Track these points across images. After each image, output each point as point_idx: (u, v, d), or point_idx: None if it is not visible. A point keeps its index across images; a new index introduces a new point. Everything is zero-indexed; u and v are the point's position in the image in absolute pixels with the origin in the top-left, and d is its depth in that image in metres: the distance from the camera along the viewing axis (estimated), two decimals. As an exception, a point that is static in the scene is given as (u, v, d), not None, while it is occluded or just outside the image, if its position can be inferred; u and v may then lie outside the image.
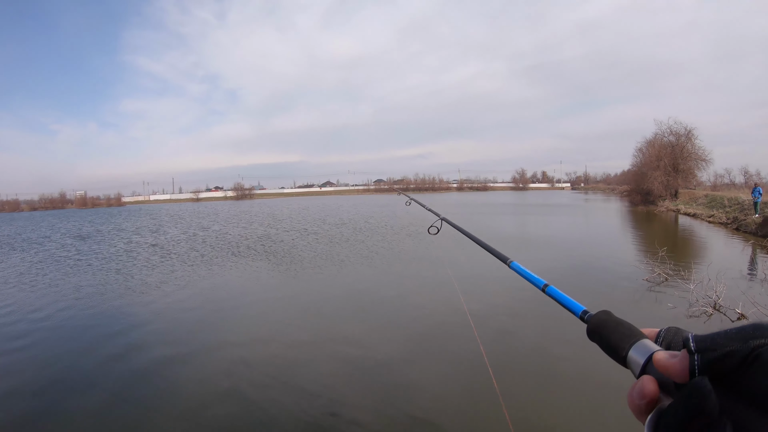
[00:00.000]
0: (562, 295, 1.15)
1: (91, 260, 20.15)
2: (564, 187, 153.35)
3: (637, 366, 0.70)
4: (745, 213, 25.76)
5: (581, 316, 0.98)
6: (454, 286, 11.78)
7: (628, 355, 0.73)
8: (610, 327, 0.82)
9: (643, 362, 0.69)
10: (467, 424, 5.53)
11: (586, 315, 0.94)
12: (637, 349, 0.73)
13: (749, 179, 51.99)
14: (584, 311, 0.97)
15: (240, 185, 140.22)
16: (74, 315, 11.09)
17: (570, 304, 1.08)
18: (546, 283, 1.27)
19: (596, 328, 0.85)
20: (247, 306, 11.45)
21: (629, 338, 0.76)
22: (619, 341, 0.77)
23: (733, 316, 8.74)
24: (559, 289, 1.19)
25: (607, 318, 0.85)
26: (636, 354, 0.72)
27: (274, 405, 6.17)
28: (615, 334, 0.79)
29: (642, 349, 0.72)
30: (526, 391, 6.28)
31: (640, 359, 0.70)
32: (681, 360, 0.60)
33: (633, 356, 0.72)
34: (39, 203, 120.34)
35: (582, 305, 1.02)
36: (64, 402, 6.56)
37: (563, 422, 5.48)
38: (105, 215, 65.57)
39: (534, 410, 5.76)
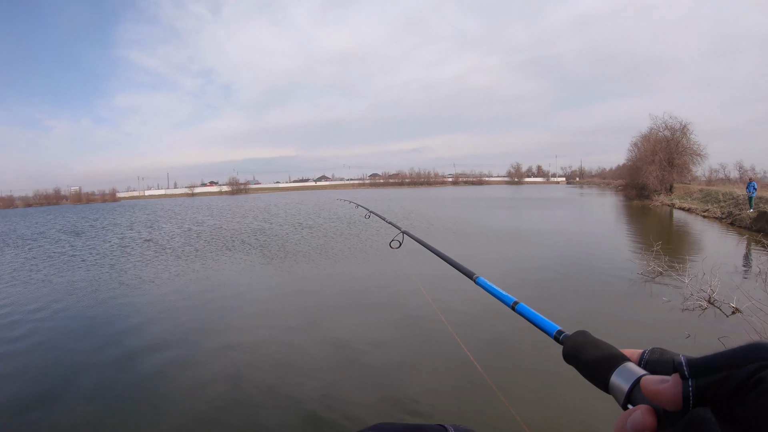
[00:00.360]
0: (533, 313, 1.11)
1: (84, 256, 20.03)
2: (559, 182, 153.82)
3: (622, 393, 0.64)
4: (739, 208, 25.82)
5: (556, 336, 0.93)
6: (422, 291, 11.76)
7: (610, 380, 0.67)
8: (588, 349, 0.76)
9: (627, 388, 0.63)
10: (462, 413, 5.52)
11: (561, 336, 0.89)
12: (620, 373, 0.66)
13: (744, 174, 52.16)
14: (559, 331, 0.92)
15: (235, 180, 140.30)
16: (66, 309, 11.05)
17: (543, 324, 1.04)
18: (516, 300, 1.21)
19: (573, 351, 0.79)
20: (241, 299, 11.40)
21: (610, 362, 0.69)
22: (600, 365, 0.71)
23: (728, 311, 8.74)
24: (530, 307, 1.14)
25: (584, 339, 0.80)
26: (619, 379, 0.65)
27: (270, 397, 6.14)
28: (594, 357, 0.74)
29: (626, 373, 0.65)
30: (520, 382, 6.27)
31: (625, 385, 0.64)
32: (673, 386, 0.54)
33: (616, 382, 0.66)
34: (33, 199, 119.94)
35: (556, 324, 0.97)
36: (56, 393, 6.52)
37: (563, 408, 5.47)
38: (100, 211, 65.33)
39: (532, 398, 5.75)
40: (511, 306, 1.22)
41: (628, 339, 7.70)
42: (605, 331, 8.16)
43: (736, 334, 7.43)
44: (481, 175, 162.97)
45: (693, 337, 7.58)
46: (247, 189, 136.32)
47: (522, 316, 1.14)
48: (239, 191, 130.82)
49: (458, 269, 1.77)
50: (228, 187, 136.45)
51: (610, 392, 0.67)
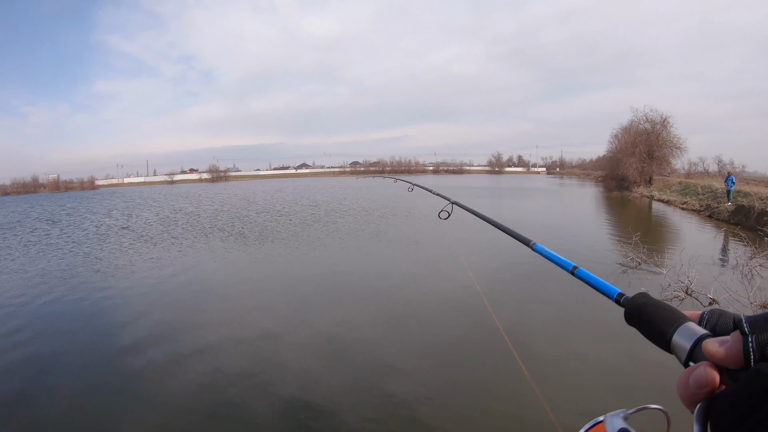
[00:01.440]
0: (593, 277, 1.15)
1: (60, 244, 19.46)
2: (539, 172, 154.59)
3: (683, 351, 0.65)
4: (718, 201, 26.11)
5: (617, 299, 0.95)
6: (463, 266, 11.71)
7: (672, 339, 0.68)
8: (650, 310, 0.77)
9: (690, 347, 0.64)
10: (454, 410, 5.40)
11: (623, 298, 0.90)
12: (681, 333, 0.67)
13: (723, 168, 52.69)
14: (620, 294, 0.94)
15: (215, 167, 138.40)
16: (43, 299, 10.72)
17: (603, 287, 1.08)
18: (575, 265, 1.24)
19: (635, 311, 0.80)
20: (222, 289, 11.18)
21: (672, 322, 0.70)
22: (662, 325, 0.71)
23: (705, 301, 8.74)
24: (589, 271, 1.15)
25: (646, 301, 0.81)
26: (681, 338, 0.66)
27: (253, 391, 5.97)
28: (656, 317, 0.74)
29: (687, 332, 0.66)
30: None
31: (687, 343, 0.65)
32: (734, 343, 0.55)
33: (678, 340, 0.67)
34: (11, 188, 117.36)
35: (616, 287, 0.99)
36: (32, 390, 6.26)
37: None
38: (78, 199, 64.20)
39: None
40: (570, 270, 1.28)
41: (606, 329, 7.65)
42: (581, 322, 8.16)
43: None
44: (462, 165, 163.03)
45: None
46: (227, 176, 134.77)
47: (582, 281, 1.20)
48: (219, 179, 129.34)
49: (514, 237, 1.86)
50: (208, 174, 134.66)
51: (672, 351, 0.68)
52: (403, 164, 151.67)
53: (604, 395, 5.59)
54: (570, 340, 7.29)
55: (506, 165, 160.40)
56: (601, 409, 1.05)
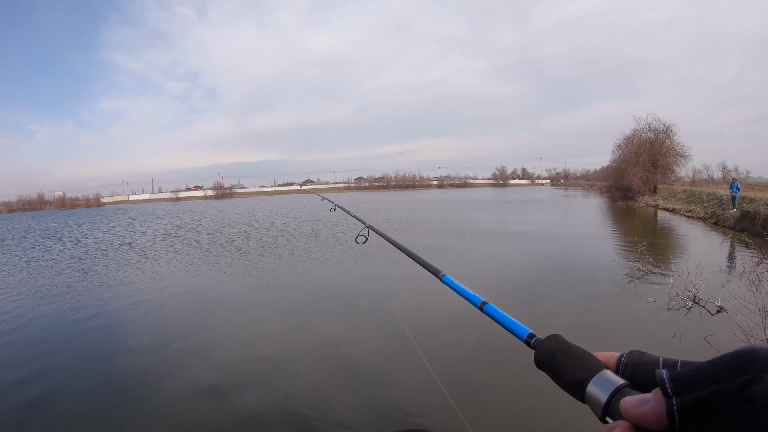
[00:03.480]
0: (502, 315, 1.01)
1: (66, 261, 19.57)
2: (544, 184, 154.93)
3: (599, 405, 0.60)
4: (723, 208, 26.01)
5: (527, 340, 0.86)
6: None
7: (586, 390, 0.62)
8: (561, 355, 0.69)
9: (605, 400, 0.59)
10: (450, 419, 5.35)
11: (533, 339, 0.82)
12: (597, 383, 0.62)
13: (727, 175, 52.53)
14: (530, 335, 0.85)
15: (220, 184, 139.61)
16: (46, 313, 10.76)
17: (512, 327, 0.95)
18: (484, 300, 1.11)
19: (546, 357, 0.72)
20: (226, 304, 11.16)
21: (586, 370, 0.64)
22: (575, 373, 0.65)
23: (713, 309, 8.69)
24: (499, 308, 1.04)
25: (557, 345, 0.72)
26: (597, 389, 0.61)
27: (257, 403, 5.95)
28: (569, 364, 0.67)
29: (603, 383, 0.61)
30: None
31: (603, 396, 0.60)
32: (656, 406, 0.50)
33: (593, 392, 0.61)
34: (17, 205, 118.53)
35: (527, 327, 0.89)
36: (35, 403, 6.26)
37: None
38: (83, 216, 64.57)
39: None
40: (479, 306, 1.12)
41: (614, 339, 7.61)
42: (590, 332, 8.13)
43: (721, 333, 7.37)
44: (467, 178, 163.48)
45: (679, 337, 7.51)
46: (232, 193, 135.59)
47: (491, 318, 1.05)
48: (224, 195, 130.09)
49: (424, 266, 1.63)
50: (213, 191, 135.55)
51: (586, 403, 0.63)
52: (407, 179, 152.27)
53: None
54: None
55: (511, 177, 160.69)
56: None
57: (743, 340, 6.68)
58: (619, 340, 7.50)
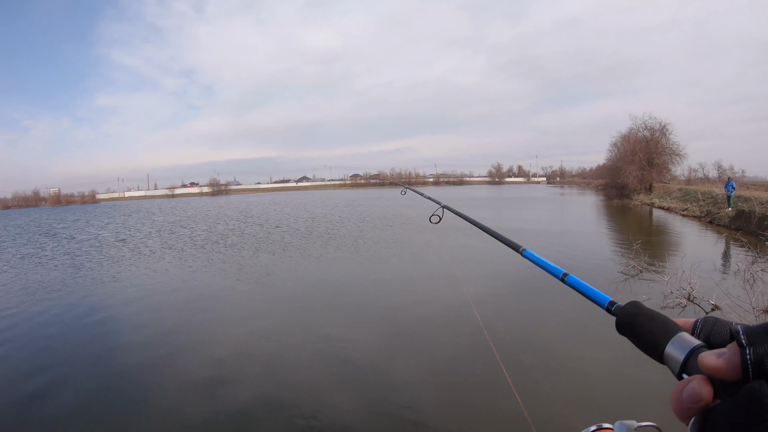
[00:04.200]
0: (584, 285, 1.09)
1: (59, 257, 19.54)
2: (540, 182, 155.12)
3: (677, 363, 0.63)
4: (718, 206, 26.12)
5: (608, 307, 0.93)
6: (455, 276, 11.69)
7: (665, 350, 0.65)
8: (642, 320, 0.73)
9: (683, 358, 0.62)
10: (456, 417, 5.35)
11: (614, 306, 0.88)
12: (675, 344, 0.65)
13: (723, 174, 52.68)
14: (611, 302, 0.92)
15: (216, 181, 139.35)
16: (41, 310, 10.74)
17: (594, 295, 1.03)
18: (565, 272, 1.18)
19: (627, 321, 0.76)
20: (225, 302, 11.12)
21: (665, 332, 0.67)
22: (655, 336, 0.68)
23: (707, 307, 8.73)
24: (579, 278, 1.11)
25: (638, 310, 0.75)
26: (674, 350, 0.64)
27: (258, 404, 5.93)
28: (648, 327, 0.70)
29: (681, 343, 0.64)
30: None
31: (680, 355, 0.63)
32: (731, 356, 0.53)
33: (671, 352, 0.64)
34: (12, 201, 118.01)
35: (608, 295, 0.96)
36: (33, 403, 6.23)
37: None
38: (78, 212, 64.40)
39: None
40: (560, 278, 1.20)
41: (609, 337, 7.61)
42: (585, 330, 8.13)
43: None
44: (462, 176, 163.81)
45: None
46: (227, 190, 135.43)
47: (572, 288, 1.12)
48: (220, 192, 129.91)
49: (504, 242, 1.80)
50: (209, 188, 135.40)
51: (665, 362, 0.66)
52: (403, 176, 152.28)
53: (597, 410, 5.52)
54: (562, 351, 7.23)
55: (506, 175, 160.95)
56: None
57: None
58: (614, 338, 7.47)
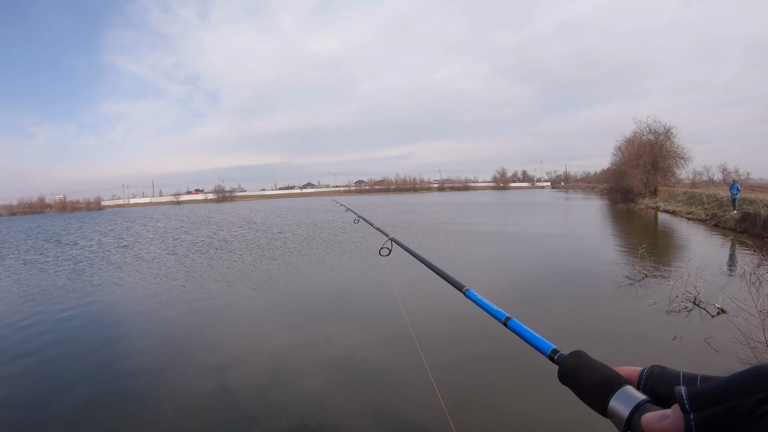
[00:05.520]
0: (527, 330, 1.03)
1: (62, 263, 19.54)
2: (544, 186, 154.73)
3: (621, 419, 0.61)
4: (723, 209, 26.02)
5: (550, 355, 0.88)
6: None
7: (609, 405, 0.64)
8: (584, 372, 0.71)
9: (627, 415, 0.61)
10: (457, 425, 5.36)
11: (557, 355, 0.84)
12: (619, 398, 0.63)
13: (727, 176, 52.68)
14: (554, 350, 0.88)
15: (220, 187, 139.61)
16: (44, 318, 10.68)
17: (537, 342, 0.97)
18: (508, 316, 1.14)
19: (569, 372, 0.74)
20: (228, 307, 11.09)
21: (608, 385, 0.65)
22: (598, 389, 0.66)
23: (713, 311, 8.71)
24: (523, 324, 1.06)
25: (580, 362, 0.74)
26: (619, 404, 0.62)
27: (262, 411, 5.92)
28: (592, 379, 0.68)
29: (625, 398, 0.62)
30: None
31: (624, 411, 0.61)
32: (674, 421, 0.52)
33: (615, 407, 0.63)
34: (18, 208, 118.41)
35: (551, 343, 0.91)
36: (41, 409, 6.24)
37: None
38: (83, 219, 64.73)
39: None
40: (503, 322, 1.14)
41: (615, 342, 7.63)
42: (591, 335, 8.13)
43: (721, 335, 7.40)
44: (467, 181, 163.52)
45: (679, 339, 7.52)
46: (232, 197, 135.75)
47: (514, 333, 1.07)
48: (225, 199, 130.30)
49: (447, 280, 1.67)
50: (213, 194, 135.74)
51: (608, 417, 0.64)
52: (408, 182, 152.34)
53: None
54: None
55: (511, 180, 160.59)
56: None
57: (743, 342, 6.69)
58: (620, 343, 7.52)
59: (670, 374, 0.62)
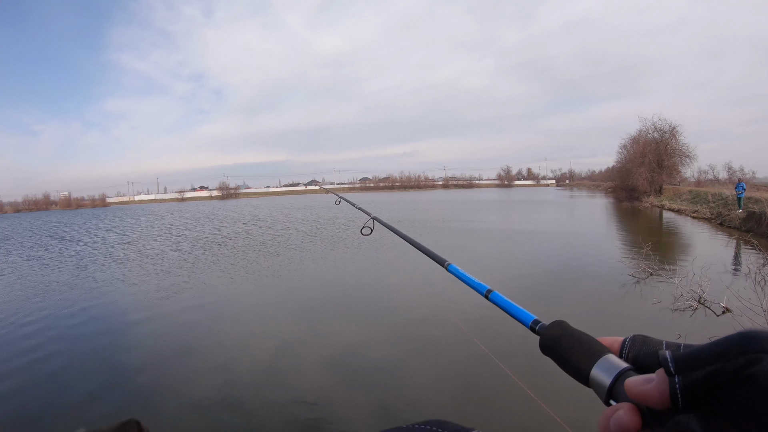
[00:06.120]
0: (507, 302, 1.04)
1: (66, 259, 19.70)
2: (549, 184, 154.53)
3: (603, 388, 0.60)
4: (728, 208, 25.89)
5: (532, 326, 0.89)
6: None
7: (590, 374, 0.62)
8: (566, 341, 0.70)
9: (609, 383, 0.59)
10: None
11: (538, 326, 0.85)
12: (601, 367, 0.62)
13: (733, 175, 52.34)
14: (535, 321, 0.89)
15: (225, 184, 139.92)
16: (48, 314, 10.74)
17: (518, 313, 0.98)
18: (489, 288, 1.13)
19: (550, 342, 0.73)
20: (232, 306, 11.15)
21: (590, 354, 0.64)
22: (579, 358, 0.66)
23: (718, 310, 8.65)
24: (504, 295, 1.06)
25: (561, 331, 0.73)
26: (601, 373, 0.61)
27: (264, 408, 5.92)
28: (573, 349, 0.68)
29: (607, 366, 0.61)
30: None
31: (606, 379, 0.60)
32: (659, 384, 0.50)
33: (597, 376, 0.61)
34: (23, 205, 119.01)
35: (532, 314, 0.92)
36: (45, 403, 6.28)
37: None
38: (88, 216, 64.98)
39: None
40: (484, 294, 1.14)
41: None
42: (596, 332, 8.04)
43: (726, 334, 7.32)
44: (472, 179, 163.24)
45: (684, 338, 7.41)
46: (237, 194, 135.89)
47: (496, 305, 1.07)
48: (229, 196, 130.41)
49: (429, 256, 1.67)
50: (218, 191, 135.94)
51: (590, 386, 0.63)
52: (412, 180, 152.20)
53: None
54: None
55: (516, 178, 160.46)
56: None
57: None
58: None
59: (652, 343, 0.61)
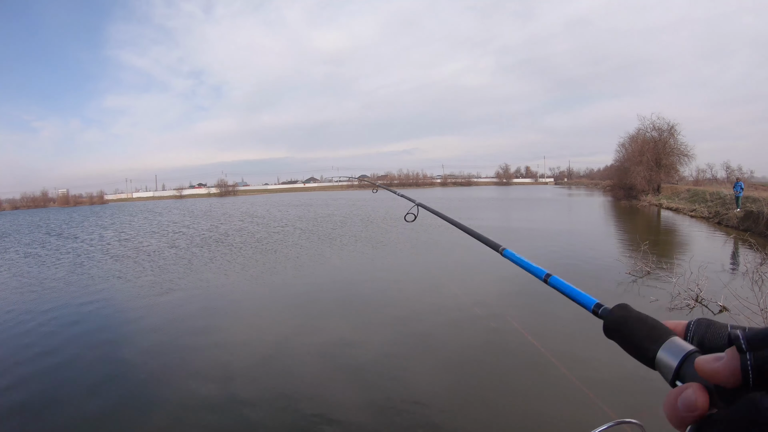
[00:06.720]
0: (569, 286, 1.05)
1: (64, 256, 19.71)
2: (547, 182, 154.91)
3: (670, 369, 0.60)
4: (726, 207, 25.89)
5: (594, 310, 0.86)
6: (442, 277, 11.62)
7: (657, 356, 0.63)
8: (631, 323, 0.70)
9: (676, 364, 0.60)
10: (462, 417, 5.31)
11: (601, 309, 0.82)
12: (667, 349, 0.62)
13: (731, 174, 52.35)
14: (597, 304, 0.86)
15: (223, 182, 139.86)
16: (52, 309, 10.77)
17: (580, 297, 0.98)
18: (548, 272, 1.14)
19: (614, 325, 0.73)
20: (229, 302, 11.06)
21: (656, 337, 0.65)
22: (644, 341, 0.66)
23: (715, 309, 8.64)
24: (564, 279, 1.09)
25: (626, 314, 0.72)
26: (667, 355, 0.62)
27: (262, 405, 5.89)
28: (638, 332, 0.68)
29: (673, 349, 0.62)
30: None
31: (673, 361, 0.60)
32: (730, 361, 0.50)
33: (663, 358, 0.62)
34: (21, 202, 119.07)
35: (594, 297, 0.90)
36: (44, 398, 6.29)
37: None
38: (86, 213, 64.90)
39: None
40: (543, 279, 1.16)
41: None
42: (591, 332, 8.05)
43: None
44: (470, 176, 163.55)
45: (680, 337, 7.46)
46: (235, 191, 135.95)
47: (556, 289, 1.10)
48: (228, 193, 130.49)
49: (483, 241, 1.64)
50: (216, 188, 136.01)
51: (656, 368, 0.64)
52: (410, 177, 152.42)
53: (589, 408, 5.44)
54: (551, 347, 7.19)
55: (514, 176, 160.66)
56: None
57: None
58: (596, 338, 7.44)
59: (717, 326, 0.61)
